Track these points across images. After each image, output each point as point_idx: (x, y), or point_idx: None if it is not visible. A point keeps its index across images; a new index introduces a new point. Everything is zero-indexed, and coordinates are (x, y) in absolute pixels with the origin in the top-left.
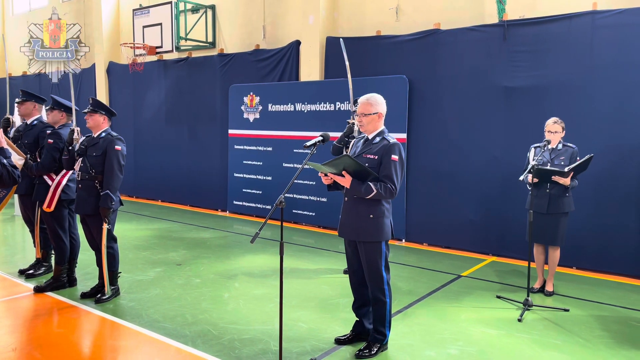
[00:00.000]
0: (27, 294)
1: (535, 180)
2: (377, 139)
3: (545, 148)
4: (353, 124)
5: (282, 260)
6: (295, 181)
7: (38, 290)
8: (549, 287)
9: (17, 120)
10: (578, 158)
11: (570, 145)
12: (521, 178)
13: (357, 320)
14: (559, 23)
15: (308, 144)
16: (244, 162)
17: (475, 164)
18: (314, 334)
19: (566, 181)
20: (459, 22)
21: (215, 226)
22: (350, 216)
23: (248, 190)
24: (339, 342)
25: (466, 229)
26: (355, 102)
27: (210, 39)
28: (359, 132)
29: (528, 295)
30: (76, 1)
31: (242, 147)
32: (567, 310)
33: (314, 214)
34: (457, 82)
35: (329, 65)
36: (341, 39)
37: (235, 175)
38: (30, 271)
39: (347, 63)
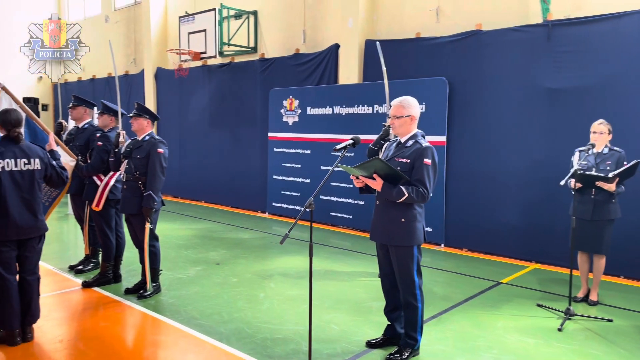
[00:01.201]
0: (76, 288)
1: (579, 185)
2: (410, 142)
3: (590, 152)
4: (389, 126)
5: (311, 261)
6: (332, 184)
7: (86, 285)
8: (593, 297)
9: (70, 124)
10: (625, 163)
11: (617, 149)
12: (562, 183)
13: (388, 324)
14: (606, 22)
15: (338, 147)
16: (283, 164)
17: (517, 167)
18: (345, 336)
19: (611, 187)
20: (501, 23)
21: (254, 227)
22: (381, 220)
23: (287, 193)
24: (370, 345)
25: (507, 234)
26: (390, 105)
27: (252, 44)
28: (395, 135)
29: (570, 304)
30: (127, 10)
31: (281, 149)
32: (611, 321)
33: (351, 216)
34: (498, 83)
35: (368, 68)
36: (377, 42)
37: (275, 177)
38: (79, 267)
39: (383, 66)
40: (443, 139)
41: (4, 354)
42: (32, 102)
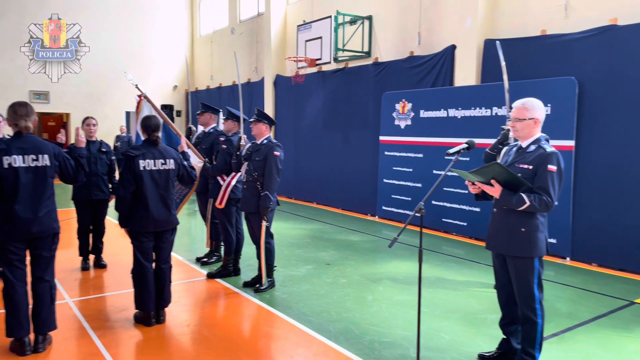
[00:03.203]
0: (201, 278)
1: None
2: (533, 147)
3: None
4: (508, 130)
5: (420, 267)
6: (445, 189)
7: (210, 276)
8: None
9: (198, 129)
10: None
11: None
12: None
13: (504, 338)
14: None
15: (451, 151)
16: (394, 168)
17: None
18: (455, 347)
19: None
20: (639, 17)
21: (364, 230)
22: (499, 228)
23: (397, 197)
24: (483, 358)
25: None
26: (511, 107)
27: (366, 49)
28: (514, 140)
29: None
30: (250, 22)
31: (392, 153)
32: None
33: (465, 224)
34: (636, 84)
35: (487, 69)
36: (497, 42)
37: (385, 181)
38: (205, 259)
39: (503, 66)
40: (570, 143)
41: (141, 333)
42: (168, 108)
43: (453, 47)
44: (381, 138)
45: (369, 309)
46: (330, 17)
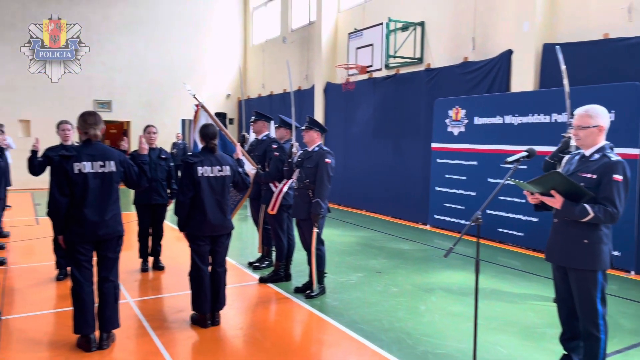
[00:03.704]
0: (253, 283)
1: None
2: (596, 155)
3: None
4: (569, 138)
5: (477, 278)
6: (501, 198)
7: (262, 280)
8: None
9: (250, 136)
10: None
11: None
12: None
13: (564, 354)
14: None
15: (510, 159)
16: (447, 176)
17: None
18: None
19: None
20: None
21: (415, 238)
22: (560, 239)
23: (450, 205)
24: None
25: None
26: (572, 113)
27: (417, 55)
28: (576, 148)
29: None
30: (301, 30)
31: (445, 160)
32: None
33: (522, 234)
34: None
35: (546, 74)
36: (557, 47)
37: (437, 189)
38: (257, 264)
39: (564, 71)
40: (636, 151)
41: (197, 334)
42: (221, 116)
43: (509, 52)
44: (433, 145)
45: (422, 319)
46: (381, 24)
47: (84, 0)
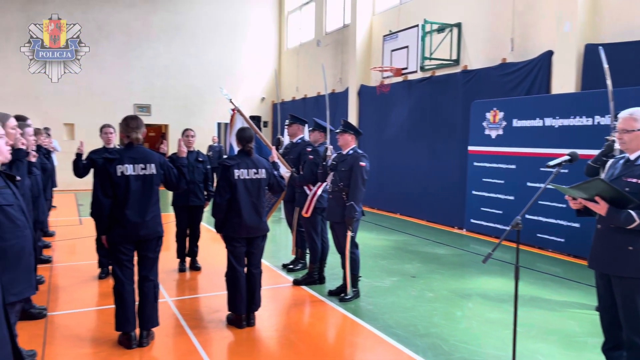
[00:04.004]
0: (287, 285)
1: None
2: None
3: None
4: (613, 141)
5: (517, 285)
6: (540, 202)
7: (296, 283)
8: None
9: (285, 139)
10: None
11: None
12: None
13: None
14: None
15: (552, 163)
16: (484, 179)
17: None
18: None
19: None
20: None
21: (450, 243)
22: (603, 246)
23: (487, 209)
24: None
25: None
26: (616, 116)
27: (454, 57)
28: (620, 151)
29: None
30: (336, 33)
31: (482, 164)
32: None
33: (563, 240)
34: None
35: (588, 76)
36: (600, 48)
37: (474, 193)
38: (290, 266)
39: (607, 73)
40: None
41: (233, 334)
42: (255, 120)
43: (550, 53)
44: (470, 148)
45: (458, 326)
46: (417, 26)
47: (127, 8)
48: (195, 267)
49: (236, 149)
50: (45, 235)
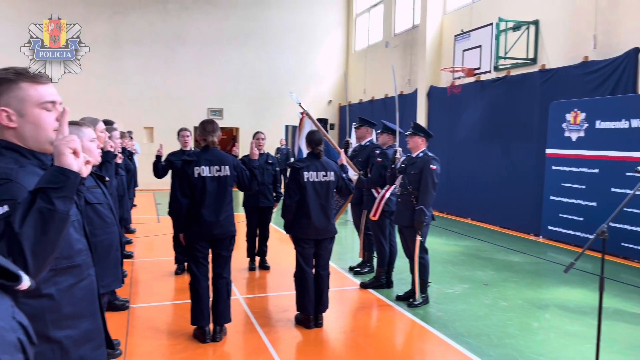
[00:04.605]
0: (354, 287)
1: None
2: None
3: None
4: None
5: (601, 297)
6: (627, 210)
7: (363, 286)
8: None
9: (353, 141)
10: None
11: None
12: None
13: None
14: None
15: None
16: (563, 184)
17: None
18: None
19: None
20: None
21: (526, 250)
22: None
23: (566, 216)
24: None
25: None
26: None
27: (531, 55)
28: None
29: None
30: (405, 34)
31: (561, 168)
32: None
33: None
34: None
35: None
36: None
37: (552, 198)
38: (358, 269)
39: None
40: None
41: (302, 334)
42: (322, 122)
43: (636, 50)
44: (548, 151)
45: (535, 337)
46: (491, 24)
47: (203, 16)
48: (264, 266)
49: (305, 151)
50: (127, 232)
